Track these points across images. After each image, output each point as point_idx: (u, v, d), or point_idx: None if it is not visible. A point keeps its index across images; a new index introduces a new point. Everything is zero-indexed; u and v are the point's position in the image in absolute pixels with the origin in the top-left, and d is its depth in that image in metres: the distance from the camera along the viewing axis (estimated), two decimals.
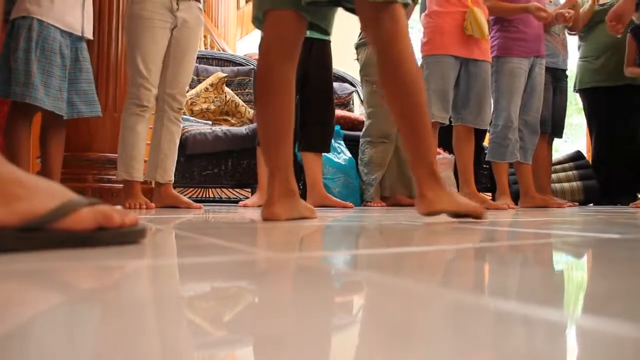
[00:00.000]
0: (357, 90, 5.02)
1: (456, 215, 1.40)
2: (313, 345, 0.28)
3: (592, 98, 4.41)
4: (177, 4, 2.56)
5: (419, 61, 3.39)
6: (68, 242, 0.68)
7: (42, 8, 2.35)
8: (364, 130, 3.73)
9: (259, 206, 2.87)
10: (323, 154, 3.23)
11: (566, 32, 4.02)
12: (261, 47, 1.52)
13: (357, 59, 3.73)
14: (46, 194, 0.69)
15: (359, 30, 3.67)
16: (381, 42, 1.41)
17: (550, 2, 3.85)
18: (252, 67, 4.60)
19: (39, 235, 0.66)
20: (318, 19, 1.57)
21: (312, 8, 1.49)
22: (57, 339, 0.29)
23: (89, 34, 2.56)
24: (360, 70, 3.74)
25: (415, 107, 1.40)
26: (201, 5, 2.69)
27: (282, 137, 1.48)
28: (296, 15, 1.48)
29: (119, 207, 0.78)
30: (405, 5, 1.42)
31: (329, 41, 3.14)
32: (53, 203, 0.68)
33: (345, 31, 4.82)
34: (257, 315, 0.38)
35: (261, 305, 0.41)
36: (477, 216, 1.39)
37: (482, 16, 3.04)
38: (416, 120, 1.40)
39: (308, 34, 2.96)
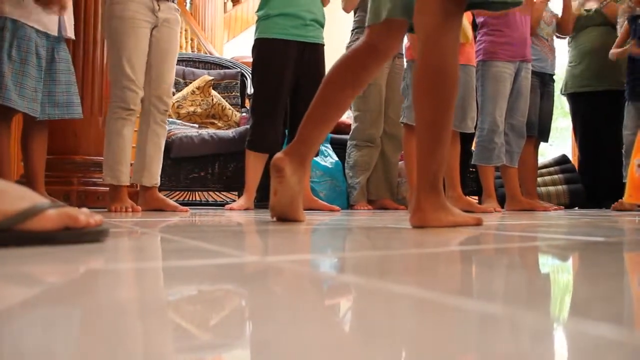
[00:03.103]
0: None
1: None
2: (299, 349, 0.28)
3: (576, 102, 4.48)
4: (158, 5, 2.54)
5: (404, 65, 3.42)
6: (34, 241, 0.72)
7: (17, 8, 2.33)
8: (350, 133, 3.75)
9: (245, 209, 2.86)
10: None
11: (555, 35, 4.06)
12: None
13: None
14: (14, 197, 0.73)
15: (350, 33, 3.69)
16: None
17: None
18: (238, 70, 4.59)
19: (6, 236, 0.71)
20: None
21: None
22: (36, 342, 0.29)
23: (68, 33, 2.54)
24: None
25: (442, 118, 1.36)
26: (177, 6, 2.67)
27: None
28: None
29: (84, 209, 0.81)
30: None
31: (322, 44, 3.14)
32: (21, 206, 0.72)
33: (337, 34, 4.82)
34: (243, 318, 0.38)
35: (247, 308, 0.41)
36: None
37: (465, 20, 3.06)
38: (438, 131, 1.35)
39: (301, 38, 2.99)
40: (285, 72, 2.99)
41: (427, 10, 1.36)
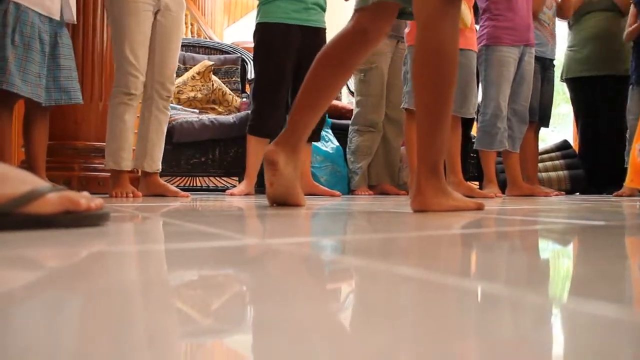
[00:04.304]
0: None
1: None
2: (300, 332, 0.28)
3: (578, 88, 4.46)
4: None
5: (406, 50, 3.40)
6: (35, 225, 0.73)
7: None
8: (352, 118, 3.74)
9: (246, 194, 2.86)
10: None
11: (556, 18, 4.03)
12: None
13: None
14: (15, 181, 0.74)
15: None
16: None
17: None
18: (239, 55, 4.57)
19: (7, 219, 0.71)
20: None
21: None
22: (39, 325, 0.29)
23: (70, 18, 2.52)
24: None
25: (442, 102, 1.35)
26: None
27: None
28: None
29: (85, 192, 0.81)
30: None
31: (324, 29, 3.12)
32: (22, 189, 0.73)
33: (338, 18, 4.79)
34: (244, 300, 0.38)
35: (249, 291, 0.41)
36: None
37: (464, 6, 3.04)
38: (438, 115, 1.35)
39: (303, 22, 2.97)
40: (286, 57, 2.98)
41: None
